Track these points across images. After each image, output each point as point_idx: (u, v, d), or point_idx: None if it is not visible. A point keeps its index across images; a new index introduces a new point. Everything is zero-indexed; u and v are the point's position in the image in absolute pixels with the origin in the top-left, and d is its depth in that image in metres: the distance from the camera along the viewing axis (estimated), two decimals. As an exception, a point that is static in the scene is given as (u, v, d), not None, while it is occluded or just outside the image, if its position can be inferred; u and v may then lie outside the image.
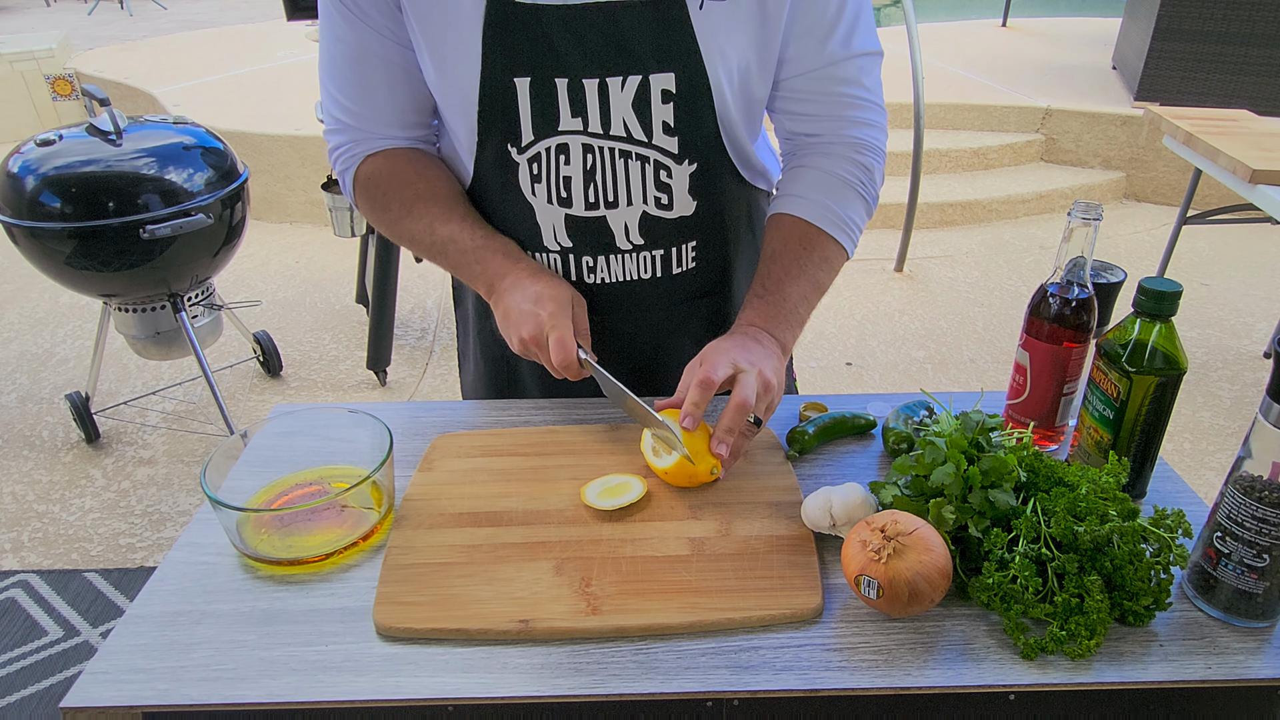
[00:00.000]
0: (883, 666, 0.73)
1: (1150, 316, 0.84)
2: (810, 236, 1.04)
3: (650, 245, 1.05)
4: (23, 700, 1.93)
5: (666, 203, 1.03)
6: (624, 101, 0.96)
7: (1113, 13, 6.39)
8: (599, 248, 1.05)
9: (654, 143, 0.99)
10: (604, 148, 0.98)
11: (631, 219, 1.03)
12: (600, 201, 1.01)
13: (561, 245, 1.05)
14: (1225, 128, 2.97)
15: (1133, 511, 0.78)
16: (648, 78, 0.95)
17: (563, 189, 1.01)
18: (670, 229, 1.05)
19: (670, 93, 0.96)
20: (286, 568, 0.83)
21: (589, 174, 1.00)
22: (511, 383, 1.21)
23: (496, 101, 0.96)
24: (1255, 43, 4.57)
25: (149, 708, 0.69)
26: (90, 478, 2.68)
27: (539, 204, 1.03)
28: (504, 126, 0.98)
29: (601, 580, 0.80)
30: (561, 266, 1.07)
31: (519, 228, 1.05)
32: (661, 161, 1.00)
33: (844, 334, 3.49)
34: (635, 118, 0.97)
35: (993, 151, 4.86)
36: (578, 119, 0.97)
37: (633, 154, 0.99)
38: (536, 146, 0.99)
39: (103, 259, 2.33)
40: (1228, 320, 3.59)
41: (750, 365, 0.92)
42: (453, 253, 1.03)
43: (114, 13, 9.51)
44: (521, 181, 1.02)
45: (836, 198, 1.04)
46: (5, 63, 5.71)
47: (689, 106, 0.98)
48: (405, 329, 3.57)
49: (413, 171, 1.06)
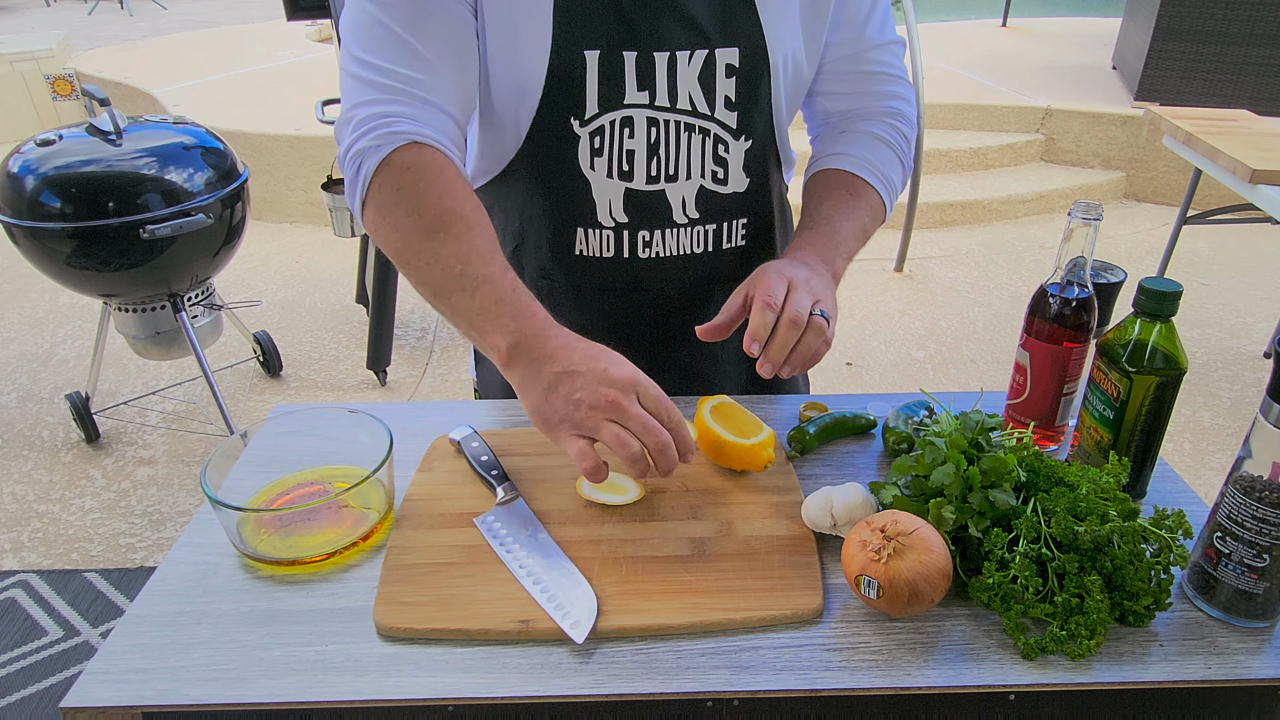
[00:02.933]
0: (883, 666, 0.73)
1: (1150, 316, 0.84)
2: (856, 186, 1.07)
3: (705, 219, 1.07)
4: (23, 700, 1.93)
5: (722, 177, 1.05)
6: (691, 75, 0.98)
7: (1113, 13, 6.39)
8: (656, 221, 1.06)
9: (715, 116, 1.02)
10: (669, 121, 1.00)
11: (690, 193, 1.05)
12: (661, 175, 1.03)
13: (617, 221, 1.05)
14: (1225, 128, 2.97)
15: (1133, 511, 0.78)
16: (714, 52, 0.98)
17: (624, 162, 1.02)
18: (725, 204, 1.07)
19: (734, 67, 0.99)
20: (286, 568, 0.83)
21: (653, 147, 1.01)
22: None
23: (564, 75, 0.97)
24: (1255, 43, 4.57)
25: (149, 708, 0.69)
26: (90, 478, 2.68)
27: (597, 178, 1.03)
28: (569, 100, 0.98)
29: (602, 580, 0.80)
30: (614, 242, 1.07)
31: (570, 204, 1.05)
32: (720, 136, 1.03)
33: (844, 334, 3.49)
34: (700, 91, 1.00)
35: (993, 151, 4.86)
36: (644, 92, 0.98)
37: (696, 127, 1.01)
38: (600, 119, 1.00)
39: (103, 259, 2.33)
40: (1228, 320, 3.59)
41: (803, 283, 0.91)
42: (482, 295, 0.85)
43: (114, 13, 9.51)
44: (580, 155, 1.02)
45: (878, 155, 1.09)
46: (5, 63, 5.71)
47: (750, 83, 1.01)
48: (405, 329, 3.57)
49: (463, 189, 0.90)
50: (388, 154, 0.89)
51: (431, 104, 0.92)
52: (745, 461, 0.93)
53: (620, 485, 0.91)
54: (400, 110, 0.90)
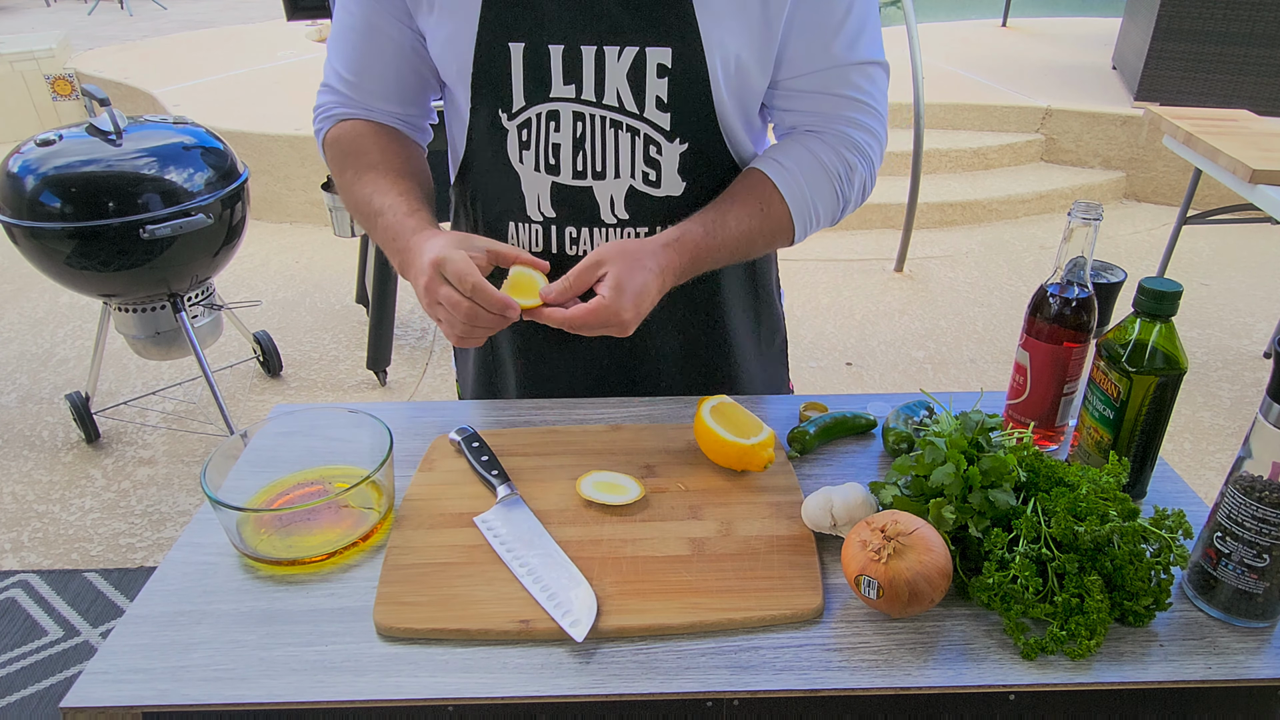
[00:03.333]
0: (883, 666, 0.73)
1: (1150, 316, 0.84)
2: (772, 204, 1.02)
3: (635, 221, 1.05)
4: (23, 700, 1.92)
5: (654, 179, 1.03)
6: (620, 72, 0.97)
7: (1113, 13, 6.39)
8: (583, 219, 1.05)
9: (646, 116, 1.00)
10: (595, 116, 0.99)
11: (618, 192, 1.03)
12: (588, 171, 1.02)
13: (545, 215, 1.06)
14: (1225, 128, 2.97)
15: (1133, 511, 0.78)
16: (644, 50, 0.96)
17: (551, 156, 1.02)
18: (657, 207, 1.05)
19: (666, 67, 0.97)
20: (286, 568, 0.83)
21: (578, 142, 1.01)
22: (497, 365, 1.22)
23: (490, 66, 0.98)
24: (1255, 43, 4.56)
25: (149, 708, 0.69)
26: (90, 478, 2.68)
27: (526, 171, 1.04)
28: (496, 92, 1.00)
29: (602, 580, 0.80)
30: (543, 237, 1.07)
31: (504, 197, 1.07)
32: (652, 136, 1.01)
33: (844, 334, 3.49)
34: (629, 89, 0.98)
35: (993, 151, 4.86)
36: (570, 86, 0.98)
37: (623, 125, 1.00)
38: (527, 112, 1.01)
39: (103, 259, 2.33)
40: (1228, 320, 3.59)
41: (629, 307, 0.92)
42: (381, 225, 1.02)
43: (114, 13, 9.51)
44: (510, 148, 1.03)
45: (813, 183, 1.03)
46: (5, 63, 5.71)
47: (684, 85, 0.98)
48: (405, 329, 3.57)
49: (375, 143, 1.08)
50: (327, 132, 1.12)
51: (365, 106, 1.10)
52: (745, 461, 0.93)
53: (620, 485, 0.91)
54: (338, 100, 1.11)
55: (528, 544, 0.84)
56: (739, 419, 0.96)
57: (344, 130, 1.10)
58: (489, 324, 0.91)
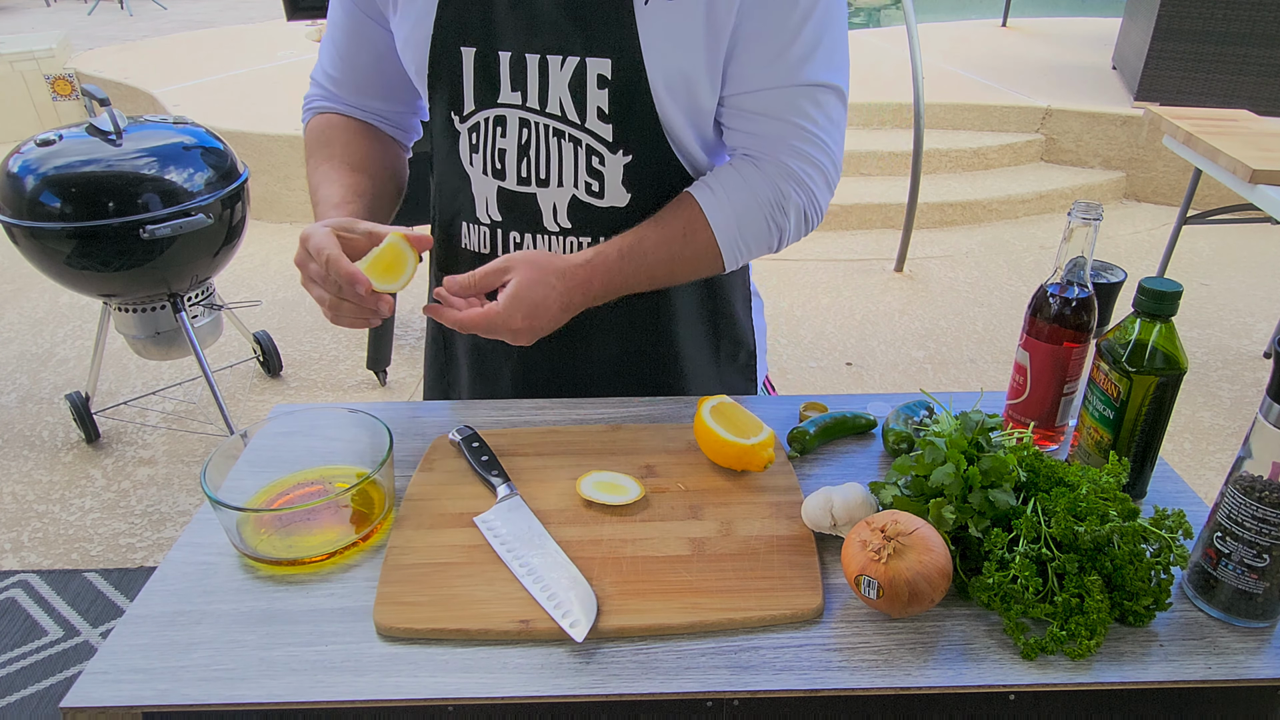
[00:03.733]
0: (883, 666, 0.73)
1: (1150, 316, 0.84)
2: (697, 231, 1.00)
3: (578, 230, 1.05)
4: (23, 700, 1.92)
5: (597, 190, 1.02)
6: (561, 81, 0.98)
7: (1113, 13, 6.39)
8: (527, 225, 1.06)
9: (588, 126, 0.99)
10: (540, 124, 1.00)
11: (561, 200, 1.04)
12: (532, 178, 1.03)
13: (492, 219, 1.07)
14: (1225, 128, 2.97)
15: (1133, 511, 0.78)
16: (585, 60, 0.96)
17: (497, 161, 1.04)
18: (600, 217, 1.04)
19: (606, 79, 0.96)
20: (286, 568, 0.83)
21: (523, 148, 1.02)
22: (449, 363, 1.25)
23: (444, 69, 1.01)
24: (1255, 43, 4.57)
25: (149, 708, 0.69)
26: (90, 478, 2.68)
27: (475, 174, 1.06)
28: (449, 95, 1.02)
29: (602, 580, 0.80)
30: (490, 240, 1.09)
31: (457, 197, 1.10)
32: (594, 148, 1.00)
33: (844, 334, 3.49)
34: (570, 99, 0.98)
35: (993, 151, 4.86)
36: (517, 93, 0.99)
37: (566, 134, 1.00)
38: (476, 116, 1.02)
39: (103, 259, 2.33)
40: (1228, 320, 3.59)
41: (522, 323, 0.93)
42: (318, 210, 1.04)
43: (114, 13, 9.51)
44: (461, 150, 1.06)
45: (743, 213, 1.00)
46: (5, 63, 5.71)
47: (625, 97, 0.97)
48: (405, 329, 3.57)
49: (341, 136, 1.12)
50: (309, 121, 1.17)
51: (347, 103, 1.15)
52: (745, 461, 0.93)
53: (620, 485, 0.91)
54: (323, 94, 1.16)
55: (528, 544, 0.84)
56: (739, 419, 0.96)
57: (320, 122, 1.14)
58: (352, 304, 0.90)
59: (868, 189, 4.54)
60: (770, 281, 3.88)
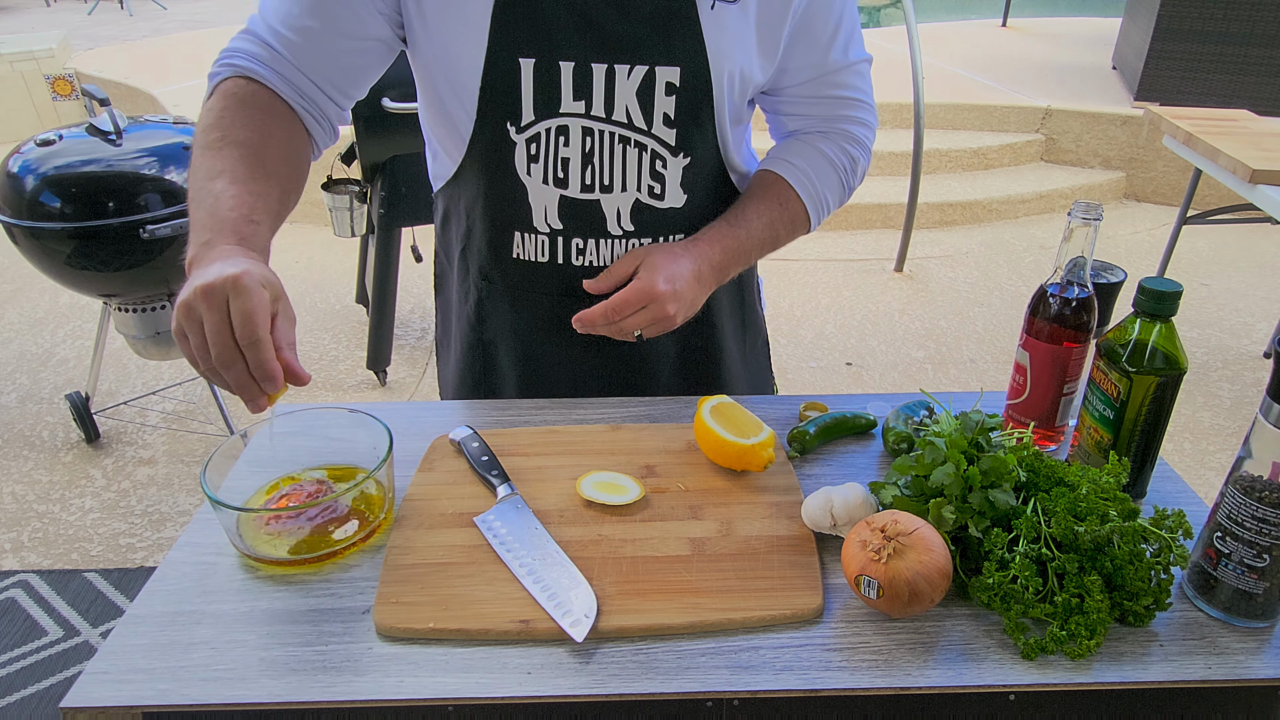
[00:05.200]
0: (883, 666, 0.73)
1: (1150, 316, 0.84)
2: (788, 198, 1.11)
3: (639, 233, 1.07)
4: (23, 700, 1.92)
5: (659, 192, 1.05)
6: (629, 90, 0.99)
7: (1113, 13, 6.39)
8: (590, 231, 1.06)
9: (653, 132, 1.02)
10: (604, 132, 1.01)
11: (624, 205, 1.05)
12: (596, 185, 1.04)
13: (552, 227, 1.07)
14: (1225, 128, 2.97)
15: (1133, 511, 0.78)
16: (654, 69, 0.98)
17: (559, 170, 1.03)
18: (660, 219, 1.07)
19: (674, 86, 0.99)
20: (286, 568, 0.83)
21: (587, 156, 1.02)
22: (488, 369, 1.21)
23: (499, 81, 0.98)
24: (1255, 43, 4.57)
25: (149, 708, 0.69)
26: (90, 478, 2.68)
27: (533, 184, 1.04)
28: (505, 106, 1.00)
29: (602, 580, 0.80)
30: (549, 248, 1.08)
31: (509, 208, 1.07)
32: (658, 152, 1.03)
33: (844, 334, 3.49)
34: (638, 106, 1.00)
35: (993, 151, 4.86)
36: (580, 102, 0.99)
37: (631, 141, 1.02)
38: (536, 127, 1.01)
39: (103, 259, 2.33)
40: (1228, 320, 3.59)
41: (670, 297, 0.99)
42: (206, 206, 0.86)
43: (114, 13, 9.51)
44: (517, 161, 1.03)
45: (821, 175, 1.12)
46: (5, 63, 5.71)
47: (690, 101, 1.00)
48: (405, 329, 3.57)
49: (261, 122, 0.95)
50: (224, 79, 0.97)
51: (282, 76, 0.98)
52: (745, 461, 0.93)
53: (620, 485, 0.91)
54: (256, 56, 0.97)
55: (528, 544, 0.84)
56: (739, 419, 0.96)
57: (240, 89, 0.96)
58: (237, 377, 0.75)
59: (868, 189, 4.54)
60: (770, 281, 3.88)
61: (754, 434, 0.93)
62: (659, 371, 1.18)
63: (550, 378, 1.18)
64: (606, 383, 1.17)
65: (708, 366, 1.21)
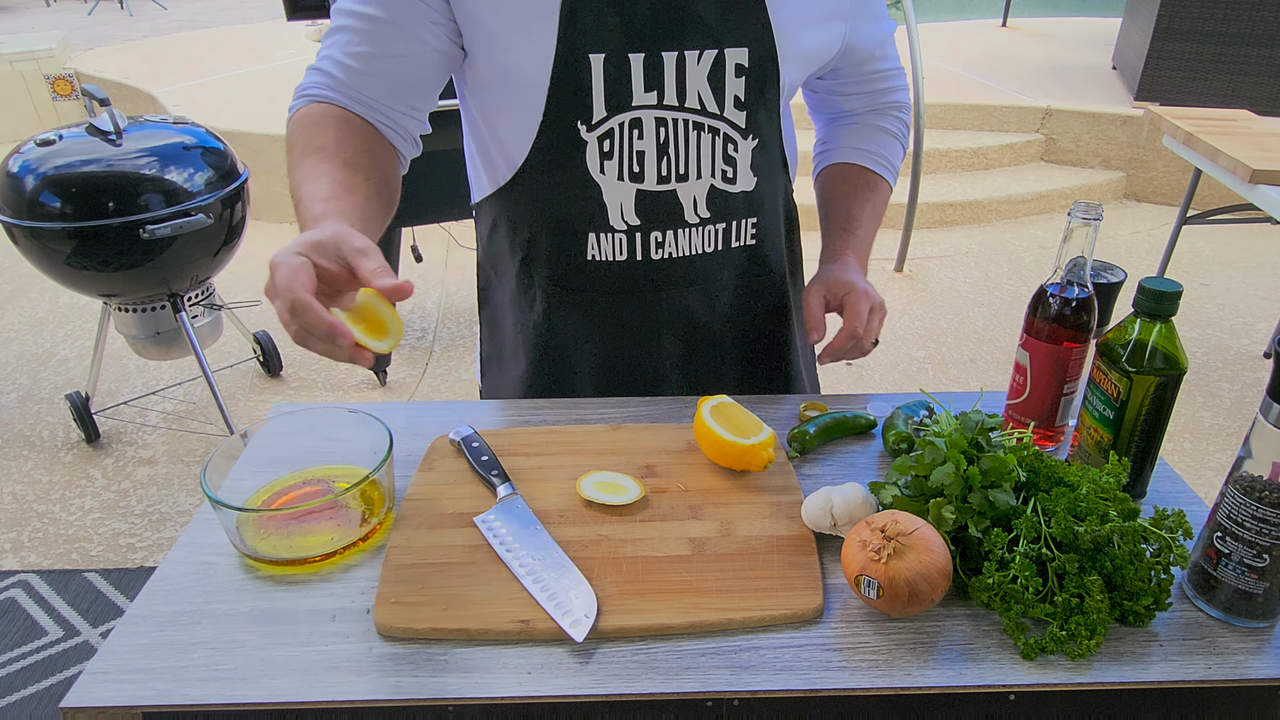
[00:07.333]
0: (883, 666, 0.73)
1: (1150, 316, 0.84)
2: (871, 180, 1.20)
3: (715, 219, 1.08)
4: (23, 700, 1.93)
5: (731, 176, 1.06)
6: (700, 74, 0.99)
7: (1113, 13, 6.39)
8: (668, 222, 1.06)
9: (725, 116, 1.02)
10: (678, 120, 1.01)
11: (700, 192, 1.06)
12: (672, 175, 1.04)
13: (629, 223, 1.06)
14: (1225, 128, 2.97)
15: (1133, 511, 0.78)
16: (723, 51, 0.99)
17: (635, 164, 1.02)
18: (733, 202, 1.08)
19: (743, 67, 1.00)
20: (286, 568, 0.83)
21: (662, 148, 1.02)
22: (561, 377, 1.16)
23: (569, 81, 0.97)
24: (1255, 43, 4.57)
25: (149, 708, 0.69)
26: (90, 478, 2.68)
27: (607, 181, 1.03)
28: (575, 105, 0.99)
29: (602, 580, 0.80)
30: (627, 245, 1.07)
31: (581, 208, 1.04)
32: (730, 135, 1.04)
33: (844, 334, 3.49)
34: (710, 90, 1.00)
35: (993, 151, 4.86)
36: (652, 93, 0.99)
37: (705, 126, 1.02)
38: (609, 123, 1.00)
39: (103, 259, 2.33)
40: (1228, 320, 3.59)
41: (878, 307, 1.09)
42: (299, 214, 0.90)
43: (114, 13, 9.51)
44: (589, 160, 1.02)
45: (888, 148, 1.22)
46: (5, 63, 5.71)
47: (758, 82, 1.02)
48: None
49: (336, 129, 0.98)
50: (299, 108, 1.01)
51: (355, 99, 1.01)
52: (745, 461, 0.93)
53: (620, 485, 0.91)
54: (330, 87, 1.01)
55: (528, 544, 0.84)
56: (739, 419, 0.96)
57: (312, 110, 1.00)
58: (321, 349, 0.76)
59: (868, 189, 4.54)
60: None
61: (754, 434, 0.93)
62: (727, 369, 1.19)
63: (630, 376, 1.15)
64: (689, 378, 1.16)
65: (776, 362, 1.24)
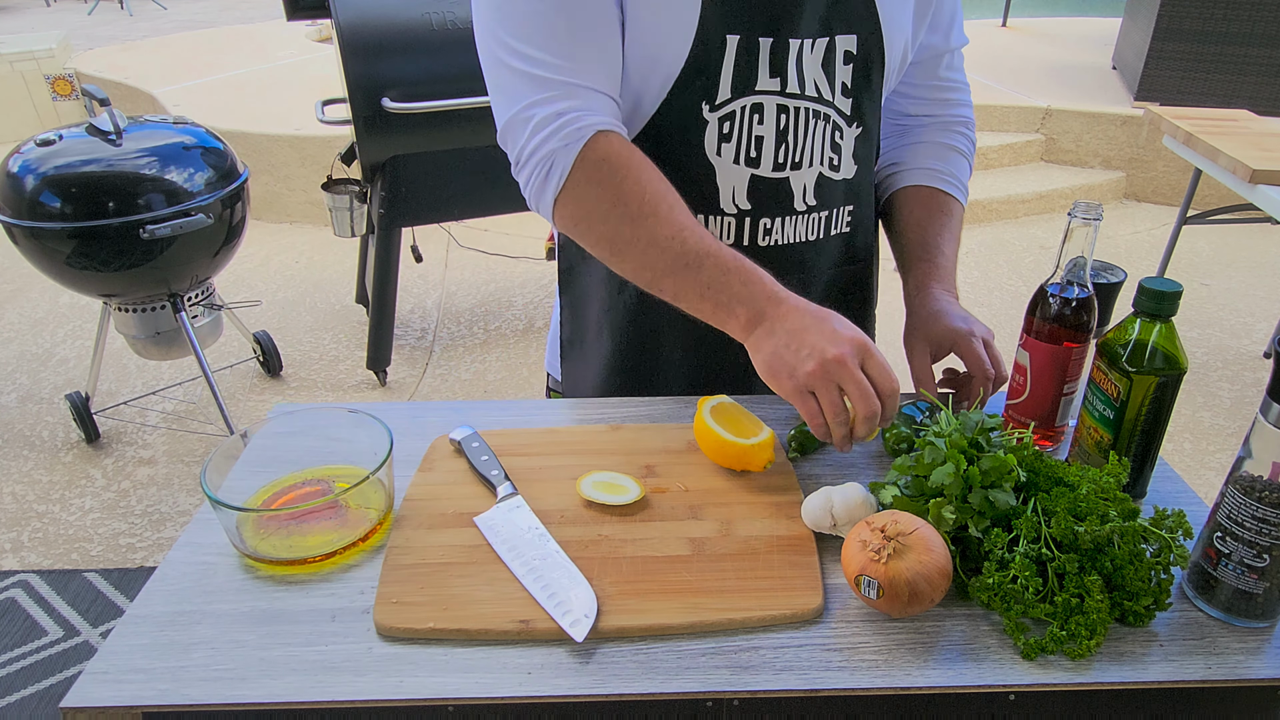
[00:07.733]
0: (883, 666, 0.73)
1: (1150, 316, 0.84)
2: (946, 204, 1.17)
3: (820, 206, 1.08)
4: (23, 700, 1.93)
5: (837, 164, 1.07)
6: (814, 62, 1.00)
7: (1113, 13, 6.39)
8: (778, 209, 1.06)
9: (834, 103, 1.03)
10: (798, 108, 1.01)
11: (810, 180, 1.06)
12: (788, 162, 1.04)
13: (740, 208, 1.05)
14: (1225, 128, 2.97)
15: (1133, 511, 0.78)
16: (834, 38, 0.99)
17: (753, 149, 1.02)
18: (835, 189, 1.09)
19: (852, 54, 1.01)
20: (286, 568, 0.83)
21: (781, 134, 1.02)
22: (648, 361, 1.16)
23: (704, 60, 0.96)
24: (1255, 43, 4.57)
25: (149, 708, 0.69)
26: (90, 478, 2.69)
27: (723, 164, 1.02)
28: (704, 85, 0.98)
29: (602, 580, 0.80)
30: (735, 230, 1.06)
31: (693, 190, 1.02)
32: (837, 123, 1.05)
33: (844, 334, 3.49)
34: (824, 77, 1.01)
35: (993, 151, 4.86)
36: (775, 79, 0.99)
37: (820, 114, 1.03)
38: (732, 105, 1.00)
39: (103, 259, 2.33)
40: (1228, 320, 3.60)
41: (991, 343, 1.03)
42: (709, 269, 0.90)
43: (114, 13, 9.51)
44: (707, 141, 1.01)
45: (958, 166, 1.20)
46: (5, 63, 5.71)
47: (864, 70, 1.03)
48: (405, 329, 3.57)
49: (653, 170, 0.94)
50: (580, 150, 0.92)
51: (597, 92, 0.95)
52: (745, 461, 0.93)
53: (620, 485, 0.91)
54: (575, 104, 0.92)
55: (528, 544, 0.84)
56: (739, 419, 0.96)
57: (614, 148, 0.92)
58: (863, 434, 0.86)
59: (868, 189, 4.54)
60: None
61: (754, 434, 0.93)
62: None
63: (721, 362, 1.14)
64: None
65: None
